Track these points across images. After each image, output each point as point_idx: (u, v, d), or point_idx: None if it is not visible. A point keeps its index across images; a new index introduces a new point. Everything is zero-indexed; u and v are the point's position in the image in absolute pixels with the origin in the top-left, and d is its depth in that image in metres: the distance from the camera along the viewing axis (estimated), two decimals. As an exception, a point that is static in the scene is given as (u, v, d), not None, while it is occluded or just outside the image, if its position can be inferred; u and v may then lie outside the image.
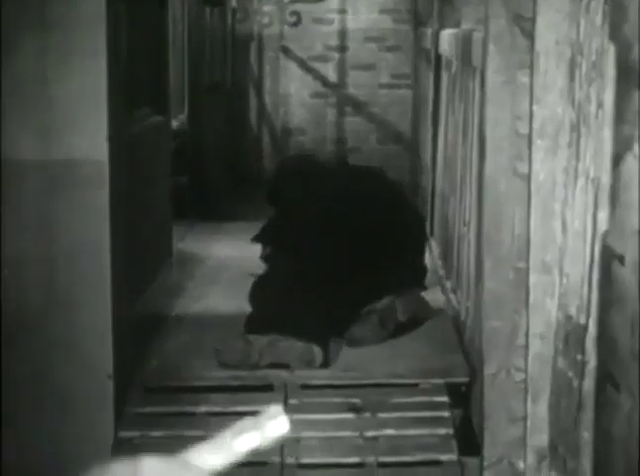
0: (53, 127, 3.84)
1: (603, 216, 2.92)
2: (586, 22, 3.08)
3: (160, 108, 5.68)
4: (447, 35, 5.94)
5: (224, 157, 8.75)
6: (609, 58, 2.86)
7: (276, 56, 9.44)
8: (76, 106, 3.83)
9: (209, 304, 5.33)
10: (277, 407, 0.92)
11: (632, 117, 2.63)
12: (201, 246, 6.71)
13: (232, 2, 9.14)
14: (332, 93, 9.45)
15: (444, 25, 6.41)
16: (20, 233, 3.86)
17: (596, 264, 2.97)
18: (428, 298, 5.17)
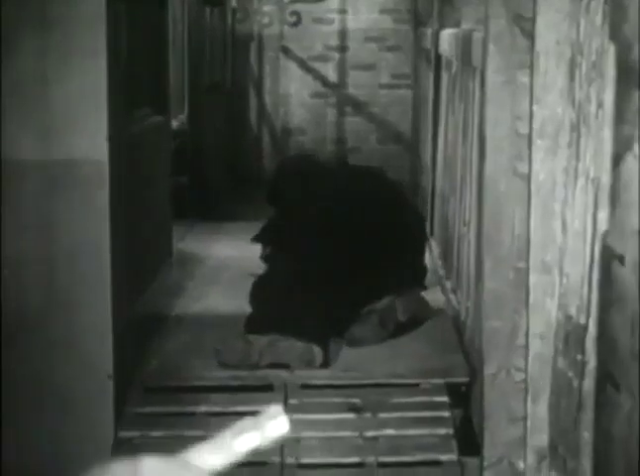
0: (53, 127, 3.84)
1: (603, 216, 2.92)
2: (586, 22, 3.08)
3: (160, 108, 5.68)
4: (447, 35, 5.94)
5: (224, 157, 8.75)
6: (609, 58, 2.86)
7: (276, 56, 9.44)
8: (76, 106, 3.83)
9: (209, 304, 5.33)
10: (277, 407, 0.92)
11: (632, 117, 2.62)
12: (201, 246, 6.71)
13: (232, 2, 9.14)
14: (332, 93, 9.45)
15: (444, 25, 6.41)
16: (20, 233, 3.86)
17: (596, 264, 2.97)
18: (428, 298, 5.17)
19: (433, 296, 5.30)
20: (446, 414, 4.05)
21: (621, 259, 2.69)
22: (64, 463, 3.85)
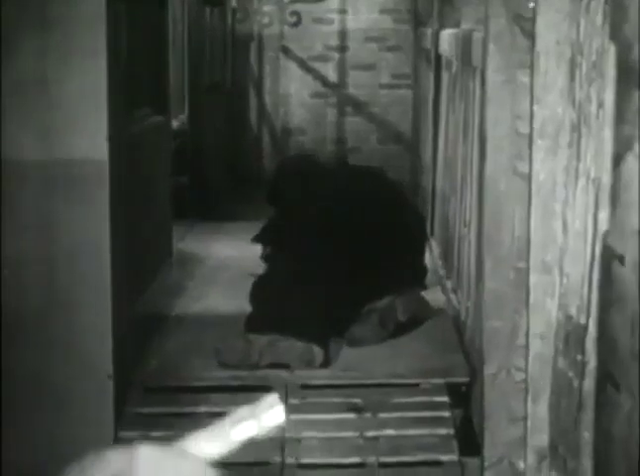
0: (54, 127, 3.84)
1: (604, 216, 2.92)
2: (586, 22, 3.08)
3: (161, 108, 5.68)
4: (447, 35, 5.94)
5: (224, 157, 8.75)
6: (610, 57, 2.86)
7: (276, 56, 9.44)
8: (76, 106, 3.83)
9: (209, 304, 5.33)
10: (274, 396, 0.92)
11: (632, 117, 2.62)
12: (201, 246, 6.71)
13: (232, 2, 9.14)
14: (332, 93, 9.45)
15: (444, 25, 6.41)
16: (20, 233, 3.85)
17: (597, 264, 2.97)
18: (428, 298, 5.16)
19: (433, 295, 5.30)
20: (446, 414, 4.05)
21: (621, 259, 2.68)
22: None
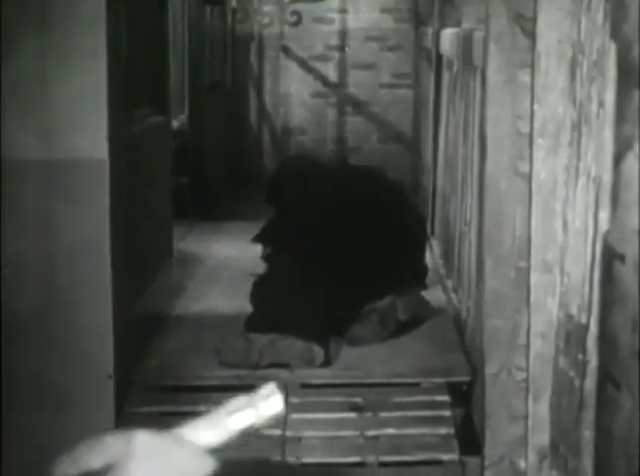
0: (54, 127, 3.84)
1: (604, 215, 2.91)
2: (587, 21, 3.08)
3: (161, 108, 5.68)
4: (448, 34, 5.93)
5: (224, 157, 8.75)
6: (610, 57, 2.86)
7: (277, 55, 9.44)
8: (76, 106, 3.83)
9: (209, 304, 5.33)
10: (272, 385, 0.92)
11: (633, 116, 2.62)
12: (201, 246, 6.70)
13: (232, 2, 9.14)
14: (332, 93, 9.45)
15: (445, 24, 6.41)
16: (20, 233, 3.85)
17: (597, 263, 2.97)
18: (429, 298, 5.16)
19: (434, 295, 5.30)
20: (447, 413, 4.05)
21: (622, 258, 2.68)
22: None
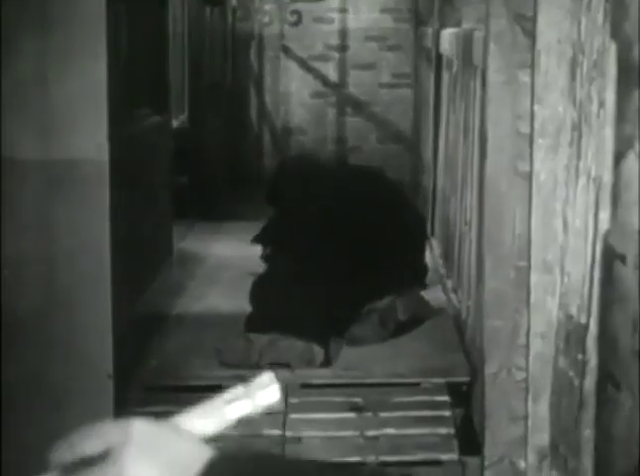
0: (54, 127, 3.84)
1: (605, 215, 2.91)
2: (587, 20, 3.08)
3: (161, 108, 5.68)
4: (448, 34, 5.93)
5: (224, 156, 8.74)
6: (610, 56, 2.86)
7: (277, 55, 9.44)
8: (76, 106, 3.83)
9: (209, 304, 5.33)
10: (269, 375, 0.92)
11: (633, 116, 2.62)
12: (201, 246, 6.70)
13: (232, 1, 9.13)
14: (332, 93, 9.45)
15: (445, 24, 6.40)
16: (20, 233, 3.85)
17: (598, 263, 2.97)
18: (429, 298, 5.16)
19: (434, 295, 5.30)
20: (447, 413, 4.05)
21: (622, 258, 2.68)
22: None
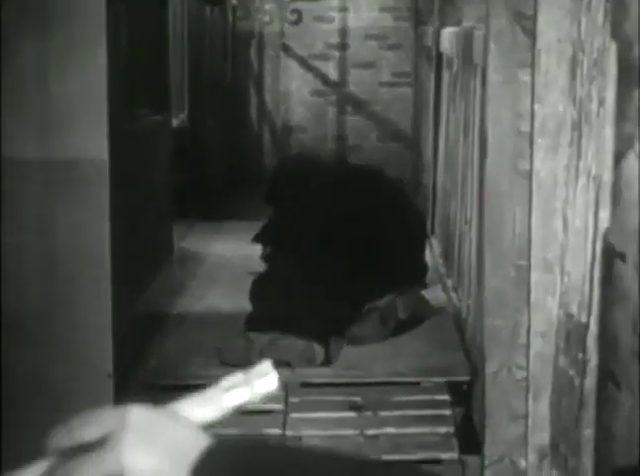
0: (54, 126, 3.84)
1: (605, 214, 2.91)
2: (587, 20, 3.08)
3: (161, 107, 5.68)
4: (448, 33, 5.93)
5: (224, 155, 8.74)
6: (611, 56, 2.86)
7: (277, 54, 9.44)
8: (76, 106, 3.83)
9: (210, 303, 5.32)
10: (267, 363, 0.92)
11: (633, 115, 2.62)
12: (202, 245, 6.70)
13: (232, 0, 9.13)
14: (333, 91, 9.45)
15: (445, 23, 6.40)
16: (20, 233, 3.85)
17: (598, 262, 2.97)
18: (429, 297, 5.16)
19: (434, 294, 5.30)
20: (447, 412, 4.05)
21: (622, 257, 2.68)
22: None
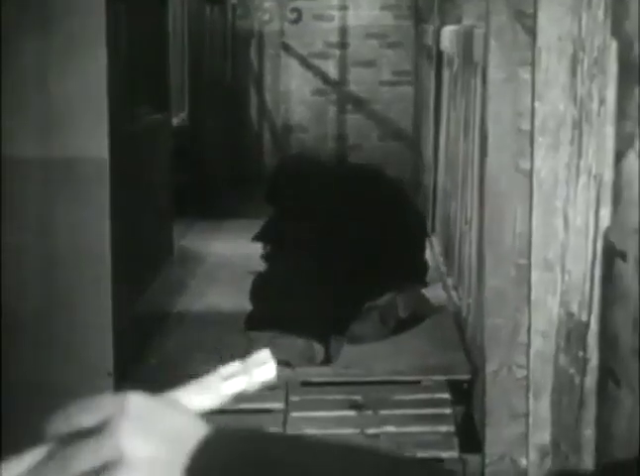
0: (54, 126, 3.84)
1: (605, 213, 2.91)
2: (588, 17, 3.07)
3: (161, 106, 5.68)
4: (448, 31, 5.93)
5: (225, 154, 8.74)
6: (611, 54, 2.86)
7: (277, 53, 9.43)
8: (76, 105, 3.83)
9: (210, 302, 5.32)
10: (266, 352, 0.92)
11: (634, 114, 2.62)
12: (202, 244, 6.70)
13: (232, -1, 9.13)
14: (333, 90, 9.44)
15: (445, 21, 6.40)
16: (20, 233, 3.85)
17: (598, 261, 2.96)
18: (429, 295, 5.16)
19: (434, 292, 5.30)
20: (447, 411, 4.05)
21: (623, 256, 2.68)
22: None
